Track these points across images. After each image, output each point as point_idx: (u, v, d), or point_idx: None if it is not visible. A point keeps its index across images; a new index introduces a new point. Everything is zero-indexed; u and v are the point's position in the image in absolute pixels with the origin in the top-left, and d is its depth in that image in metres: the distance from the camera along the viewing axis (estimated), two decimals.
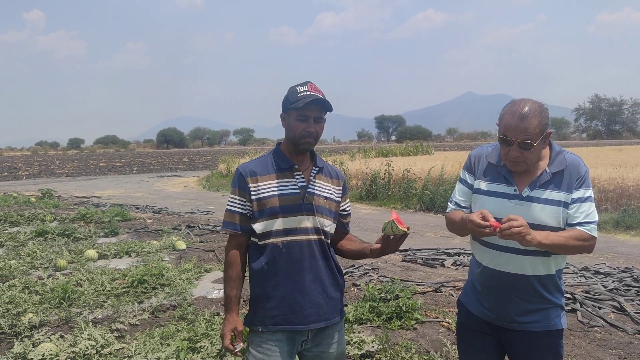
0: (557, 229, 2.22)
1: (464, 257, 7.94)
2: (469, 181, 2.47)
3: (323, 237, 2.41)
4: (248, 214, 2.37)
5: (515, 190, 2.29)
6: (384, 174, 16.67)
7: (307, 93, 2.30)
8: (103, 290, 5.84)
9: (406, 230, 2.29)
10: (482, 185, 2.39)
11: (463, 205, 2.48)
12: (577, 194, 2.24)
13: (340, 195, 2.54)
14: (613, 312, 5.35)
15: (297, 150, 2.39)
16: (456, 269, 7.38)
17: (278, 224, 2.32)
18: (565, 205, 2.23)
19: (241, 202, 2.37)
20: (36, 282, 6.11)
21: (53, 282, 5.97)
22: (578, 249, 2.21)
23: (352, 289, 6.11)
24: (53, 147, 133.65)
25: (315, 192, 2.40)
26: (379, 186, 16.53)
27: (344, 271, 7.04)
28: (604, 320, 5.07)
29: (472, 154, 2.51)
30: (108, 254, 7.93)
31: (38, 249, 8.05)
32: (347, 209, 2.62)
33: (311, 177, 2.41)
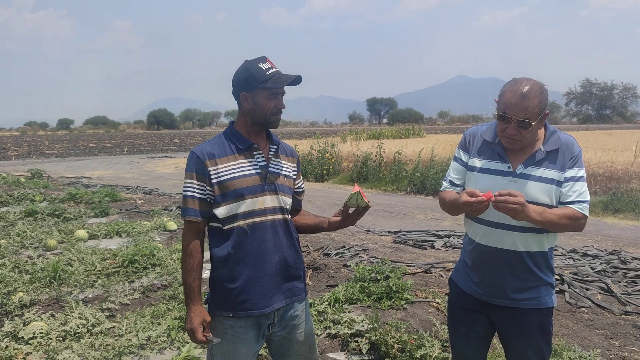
0: (549, 206, 2.24)
1: (454, 239, 7.99)
2: (463, 159, 2.48)
3: (286, 216, 2.37)
4: (208, 199, 2.26)
5: (509, 168, 2.31)
6: (375, 156, 16.68)
7: (275, 70, 2.25)
8: (93, 270, 5.83)
9: (368, 203, 2.35)
10: (477, 162, 2.40)
11: (457, 183, 2.49)
12: (570, 173, 2.27)
13: (296, 172, 2.51)
14: (600, 293, 5.43)
15: (264, 127, 2.34)
16: (446, 250, 7.44)
17: (242, 206, 2.24)
18: (558, 183, 2.26)
19: (200, 187, 2.25)
20: (26, 261, 6.09)
21: (43, 262, 5.95)
22: (569, 227, 2.24)
23: (342, 269, 6.14)
24: (42, 127, 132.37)
25: (276, 170, 2.36)
26: (370, 168, 16.56)
27: (335, 252, 7.08)
28: (591, 301, 5.14)
29: (467, 133, 2.52)
30: (98, 234, 7.91)
31: (28, 228, 8.01)
32: (302, 186, 2.61)
33: (270, 156, 2.36)
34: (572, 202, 2.24)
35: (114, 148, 42.14)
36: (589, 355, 3.70)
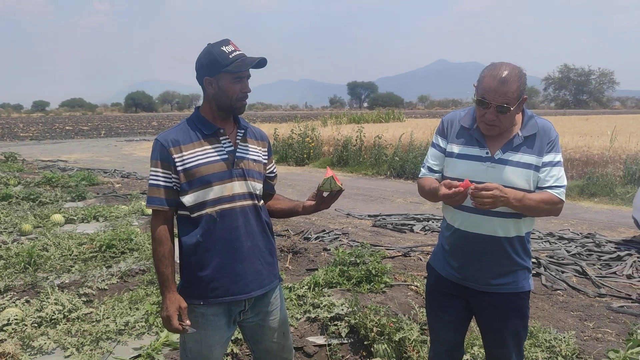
0: (527, 191, 2.25)
1: (433, 222, 8.05)
2: (441, 145, 2.47)
3: (256, 202, 2.33)
4: (174, 187, 2.21)
5: (487, 153, 2.30)
6: (356, 140, 16.68)
7: (239, 53, 2.20)
8: (70, 255, 5.75)
9: (341, 186, 2.36)
10: (455, 148, 2.39)
11: (435, 169, 2.48)
12: (547, 158, 2.28)
13: (267, 156, 2.46)
14: (575, 276, 5.52)
15: (230, 113, 2.29)
16: (425, 234, 7.49)
17: (210, 193, 2.20)
18: (536, 168, 2.26)
19: (165, 175, 2.19)
20: (0, 246, 5.98)
21: (18, 247, 5.85)
22: (547, 211, 2.27)
23: (322, 253, 6.15)
24: (16, 109, 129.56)
25: (244, 155, 2.30)
26: (351, 152, 16.57)
27: (315, 236, 7.08)
28: (567, 283, 5.23)
29: (445, 119, 2.50)
30: (75, 218, 7.80)
31: (2, 213, 7.85)
32: (274, 170, 2.57)
33: (238, 141, 2.30)
34: (550, 187, 2.25)
35: (91, 131, 41.48)
36: (564, 337, 3.77)
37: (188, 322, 2.23)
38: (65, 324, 4.07)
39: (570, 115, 47.00)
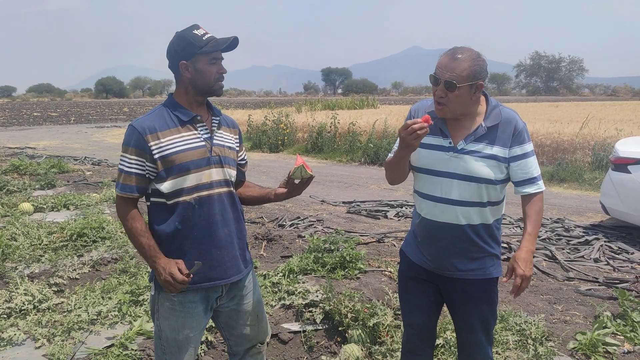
0: (491, 181, 2.26)
1: (407, 209, 8.12)
2: None
3: (232, 189, 2.35)
4: (147, 175, 2.18)
5: (450, 143, 2.31)
6: (330, 127, 16.67)
7: (210, 35, 2.20)
8: (40, 244, 5.65)
9: (312, 173, 2.39)
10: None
11: None
12: (518, 150, 2.28)
13: (238, 144, 2.48)
14: (545, 260, 5.64)
15: (207, 97, 2.30)
16: (399, 220, 7.55)
17: (188, 180, 2.18)
18: (500, 159, 2.27)
19: (139, 163, 2.15)
20: None
21: None
22: (542, 208, 2.37)
23: (297, 240, 6.16)
24: None
25: (220, 143, 2.31)
26: (325, 139, 16.55)
27: (290, 223, 7.08)
28: (537, 267, 5.34)
29: (412, 108, 2.52)
30: (45, 207, 7.64)
31: None
32: (245, 157, 2.60)
33: (214, 128, 2.30)
34: (530, 181, 2.31)
35: (60, 117, 40.58)
36: (534, 320, 3.85)
37: (195, 262, 2.18)
38: (36, 314, 4.01)
39: (541, 102, 47.70)
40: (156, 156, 2.15)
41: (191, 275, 2.15)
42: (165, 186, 2.18)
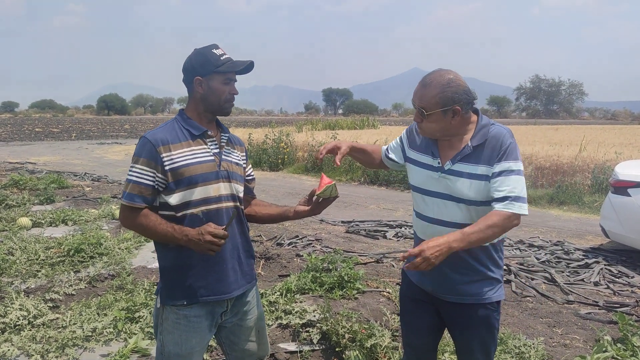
0: (479, 202, 2.21)
1: (406, 229, 8.09)
2: (403, 143, 2.54)
3: (238, 204, 2.38)
4: (156, 187, 2.19)
5: (439, 163, 2.30)
6: None
7: (228, 56, 2.27)
8: (37, 260, 5.62)
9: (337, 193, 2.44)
10: (413, 155, 2.44)
11: (390, 152, 2.59)
12: (500, 167, 2.17)
13: (245, 160, 2.52)
14: (544, 282, 5.60)
15: (217, 115, 2.35)
16: (398, 240, 7.52)
17: (196, 193, 2.21)
18: (487, 178, 2.19)
19: (151, 174, 2.17)
20: None
21: None
22: (502, 230, 2.13)
23: (295, 259, 6.13)
24: None
25: (229, 158, 2.36)
26: (325, 158, 16.54)
27: (288, 242, 7.06)
28: (536, 290, 5.30)
29: (407, 129, 2.55)
30: (43, 222, 7.63)
31: None
32: (252, 173, 2.63)
33: (223, 144, 2.36)
34: (503, 199, 2.12)
35: (62, 133, 40.68)
36: (533, 343, 3.82)
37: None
38: (30, 330, 3.97)
39: (541, 125, 47.89)
40: (167, 168, 2.18)
41: (229, 222, 2.19)
42: (174, 198, 2.21)
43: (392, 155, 2.58)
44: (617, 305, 4.89)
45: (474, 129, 2.28)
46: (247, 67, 2.29)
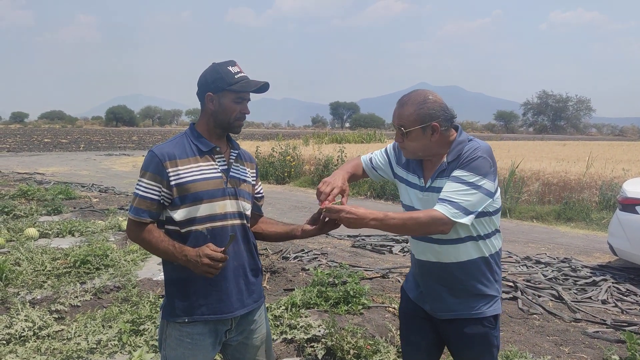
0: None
1: None
2: (390, 159, 2.52)
3: (245, 222, 2.35)
4: (162, 201, 2.18)
5: (422, 182, 2.31)
6: (337, 160, 16.72)
7: (243, 75, 2.24)
8: (43, 270, 5.64)
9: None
10: (401, 172, 2.44)
11: (374, 163, 2.57)
12: (453, 173, 2.17)
13: (255, 178, 2.50)
14: (551, 300, 5.56)
15: (226, 132, 2.32)
16: (404, 255, 7.50)
17: (201, 209, 2.19)
18: None
19: (156, 189, 2.17)
20: None
21: None
22: (425, 228, 2.14)
23: (300, 273, 6.12)
24: None
25: (237, 175, 2.33)
26: (331, 172, 16.54)
27: (294, 256, 7.05)
28: (543, 308, 5.26)
29: (394, 143, 2.49)
30: (50, 232, 7.66)
31: None
32: (261, 191, 2.60)
33: (232, 160, 2.33)
34: (440, 200, 2.12)
35: (70, 144, 40.99)
36: None
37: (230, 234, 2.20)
38: (35, 341, 3.97)
39: (548, 141, 47.80)
40: (172, 183, 2.17)
41: (229, 242, 2.11)
42: (179, 214, 2.19)
43: (379, 172, 2.56)
44: (625, 324, 4.84)
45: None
46: (261, 87, 2.26)
